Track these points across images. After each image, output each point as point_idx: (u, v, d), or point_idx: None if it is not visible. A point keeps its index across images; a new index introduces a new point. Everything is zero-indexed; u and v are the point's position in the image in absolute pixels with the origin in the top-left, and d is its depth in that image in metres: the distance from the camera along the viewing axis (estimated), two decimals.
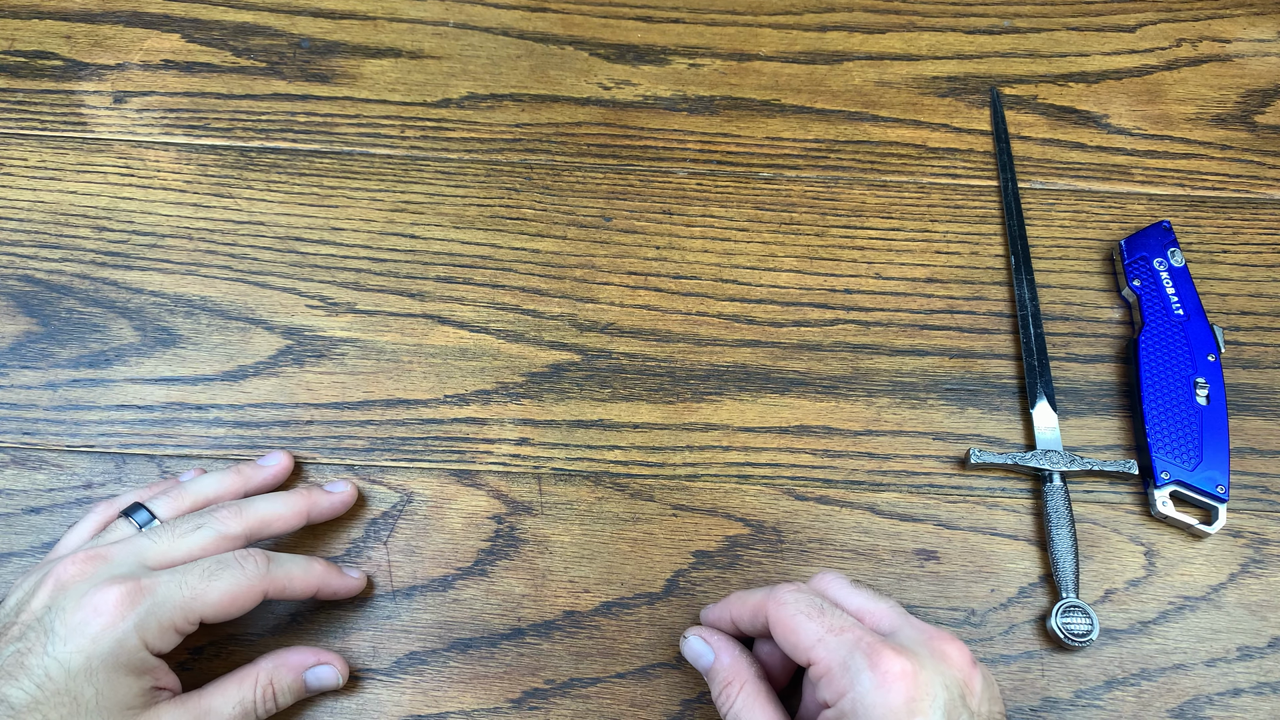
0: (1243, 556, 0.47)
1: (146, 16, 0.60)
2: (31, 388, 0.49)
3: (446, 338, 0.51)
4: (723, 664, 0.40)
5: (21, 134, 0.56)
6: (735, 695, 0.38)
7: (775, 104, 0.58)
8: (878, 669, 0.34)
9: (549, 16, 0.61)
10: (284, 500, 0.43)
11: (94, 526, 0.43)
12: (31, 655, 0.35)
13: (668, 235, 0.54)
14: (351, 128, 0.57)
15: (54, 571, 0.38)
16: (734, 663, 0.40)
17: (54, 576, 0.37)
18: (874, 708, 0.33)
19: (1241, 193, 0.56)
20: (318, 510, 0.44)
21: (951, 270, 0.54)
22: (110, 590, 0.36)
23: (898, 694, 0.33)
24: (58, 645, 0.35)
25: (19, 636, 0.36)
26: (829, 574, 0.40)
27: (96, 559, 0.38)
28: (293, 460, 0.47)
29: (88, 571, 0.38)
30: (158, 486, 0.45)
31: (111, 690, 0.35)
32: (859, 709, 0.34)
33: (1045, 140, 0.58)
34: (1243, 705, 0.44)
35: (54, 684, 0.35)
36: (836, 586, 0.40)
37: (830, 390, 0.50)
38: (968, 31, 0.61)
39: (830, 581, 0.40)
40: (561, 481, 0.48)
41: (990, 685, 0.36)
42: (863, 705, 0.33)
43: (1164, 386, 0.49)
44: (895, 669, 0.34)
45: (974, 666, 0.36)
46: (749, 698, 0.38)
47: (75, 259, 0.52)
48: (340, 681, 0.42)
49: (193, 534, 0.40)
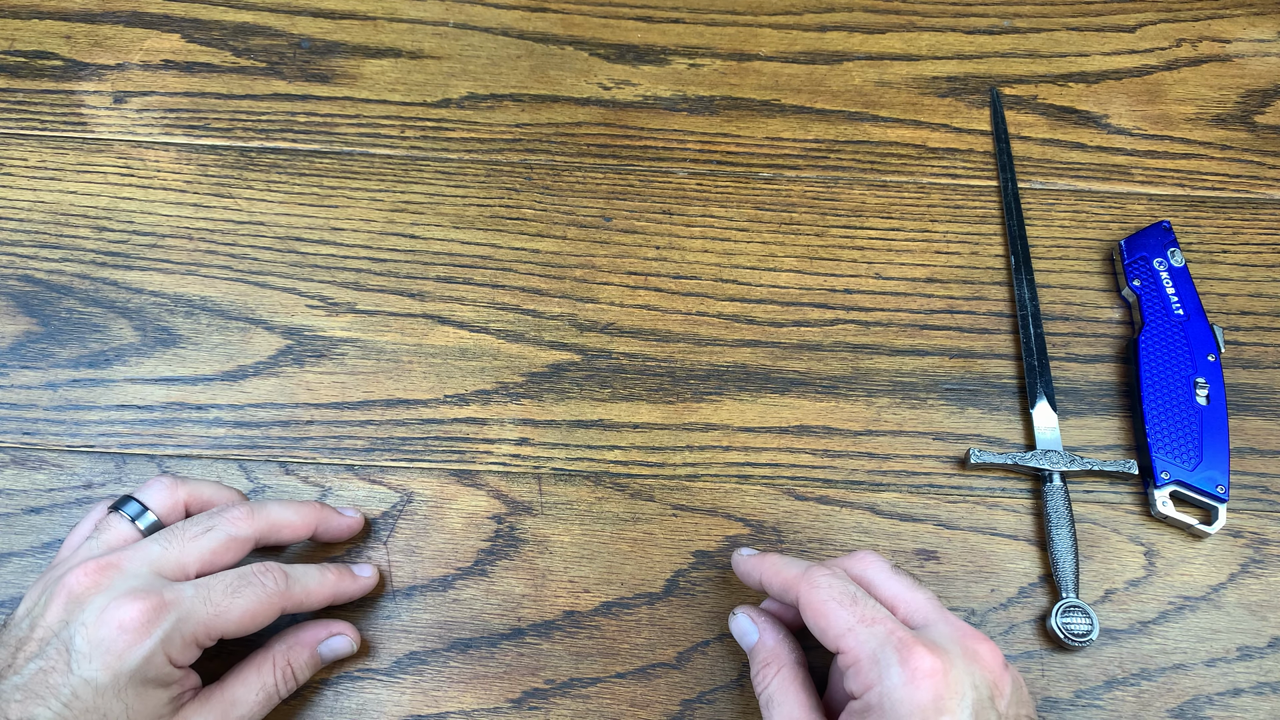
0: (1243, 556, 0.47)
1: (146, 16, 0.60)
2: (31, 388, 0.49)
3: (446, 338, 0.51)
4: (765, 645, 0.40)
5: (21, 134, 0.56)
6: (771, 678, 0.39)
7: (775, 104, 0.58)
8: (908, 665, 0.34)
9: (549, 16, 0.61)
10: (296, 509, 0.43)
11: (91, 528, 0.42)
12: (55, 674, 0.35)
13: (668, 235, 0.54)
14: (351, 128, 0.57)
15: (64, 583, 0.37)
16: (776, 645, 0.40)
17: (65, 588, 0.37)
18: (901, 704, 0.33)
19: (1241, 193, 0.56)
20: (326, 527, 0.44)
21: (951, 270, 0.54)
22: (133, 605, 0.36)
23: (926, 691, 0.33)
24: (82, 663, 0.35)
25: (38, 653, 0.35)
26: (869, 555, 0.40)
27: (109, 568, 0.37)
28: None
29: (102, 583, 0.37)
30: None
31: (140, 704, 0.36)
32: (885, 704, 0.33)
33: (1045, 140, 0.58)
34: (1243, 705, 0.44)
35: (82, 702, 0.34)
36: (875, 569, 0.39)
37: (830, 390, 0.50)
38: (968, 31, 0.61)
39: (870, 564, 0.39)
40: (561, 481, 0.48)
41: (1020, 688, 0.36)
42: (890, 700, 0.33)
43: (1164, 386, 0.49)
44: (925, 666, 0.33)
45: (1005, 669, 0.36)
46: (784, 681, 0.38)
47: (75, 259, 0.52)
48: (354, 648, 0.43)
49: (203, 537, 0.40)
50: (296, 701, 0.43)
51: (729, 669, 0.44)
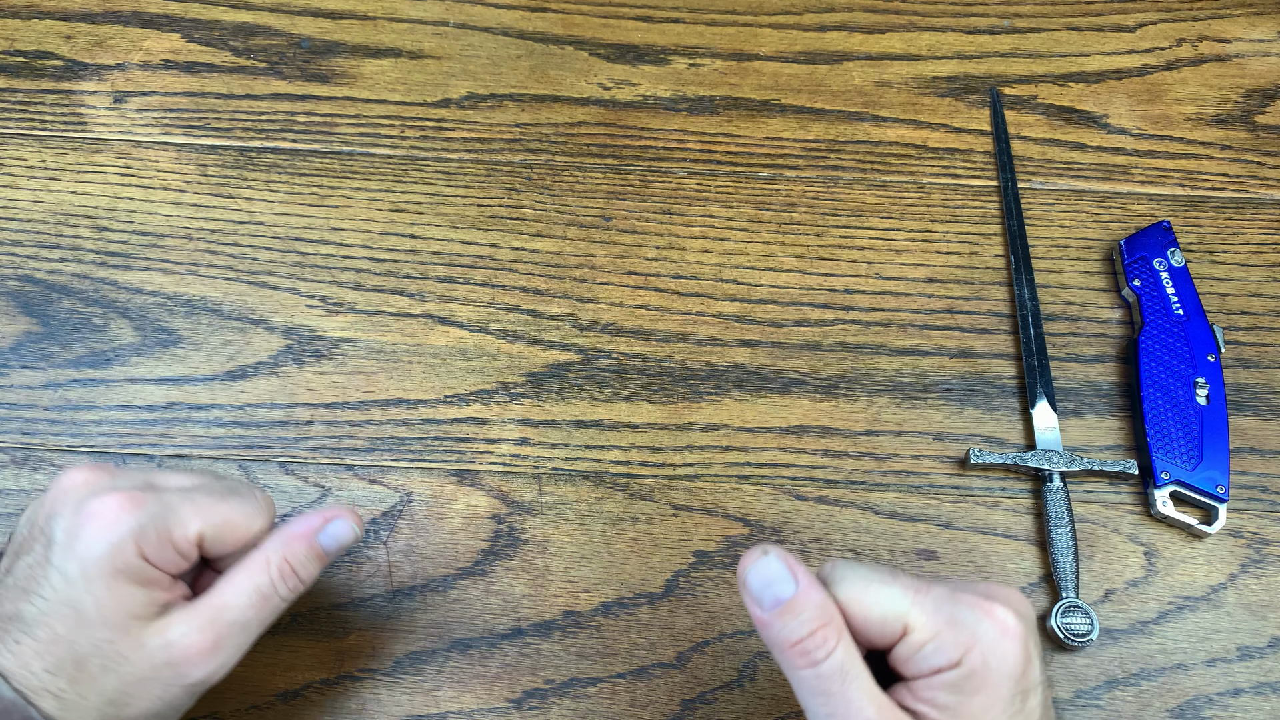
0: (1243, 556, 0.47)
1: (146, 16, 0.60)
2: (31, 388, 0.49)
3: (446, 338, 0.51)
4: (812, 600, 0.32)
5: (21, 134, 0.56)
6: (835, 642, 0.31)
7: (775, 104, 0.58)
8: (993, 617, 0.32)
9: (549, 16, 0.61)
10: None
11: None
12: (39, 567, 0.34)
13: (668, 235, 0.54)
14: (351, 128, 0.57)
15: (59, 479, 0.36)
16: (826, 602, 0.32)
17: (59, 485, 0.36)
18: (1006, 656, 0.31)
19: (1241, 193, 0.56)
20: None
21: (951, 270, 0.54)
22: (110, 497, 0.35)
23: (1017, 639, 0.31)
24: (57, 553, 0.34)
25: (28, 549, 0.35)
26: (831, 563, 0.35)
27: (103, 469, 0.37)
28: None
29: (92, 480, 0.36)
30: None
31: (112, 599, 0.34)
32: (991, 660, 0.31)
33: (1045, 140, 0.58)
34: (1243, 705, 0.44)
35: (57, 594, 0.33)
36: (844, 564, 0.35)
37: (830, 390, 0.50)
38: (968, 31, 0.61)
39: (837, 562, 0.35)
40: (561, 481, 0.48)
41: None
42: (995, 656, 0.31)
43: (1164, 386, 0.49)
44: (1009, 616, 0.32)
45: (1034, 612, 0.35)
46: (852, 648, 0.31)
47: (75, 259, 0.52)
48: (358, 531, 0.39)
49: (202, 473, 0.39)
50: (297, 701, 0.43)
51: (729, 669, 0.44)
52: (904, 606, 0.32)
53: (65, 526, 0.34)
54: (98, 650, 0.33)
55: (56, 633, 0.33)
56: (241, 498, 0.37)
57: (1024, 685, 0.31)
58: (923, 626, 0.31)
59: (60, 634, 0.33)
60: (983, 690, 0.31)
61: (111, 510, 0.34)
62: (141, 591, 0.34)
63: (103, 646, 0.33)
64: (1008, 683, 0.31)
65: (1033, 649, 0.32)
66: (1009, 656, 0.31)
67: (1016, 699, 0.31)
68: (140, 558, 0.34)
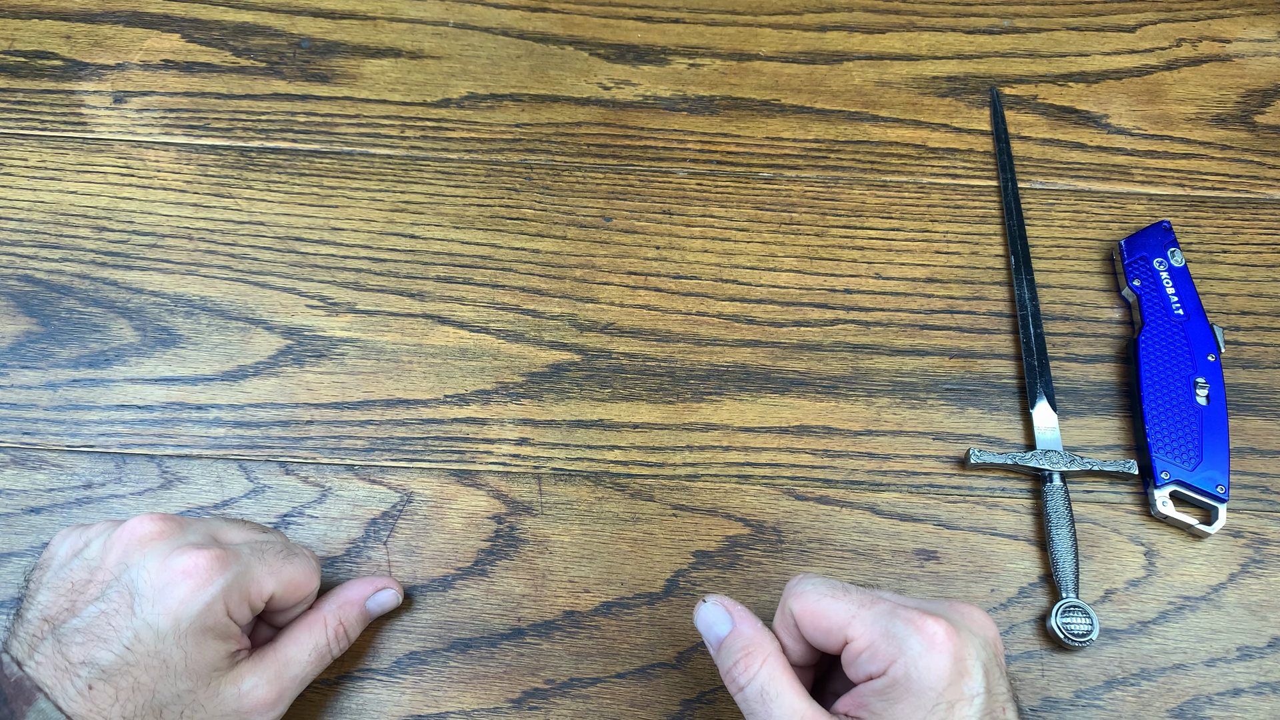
0: (1243, 556, 0.47)
1: (146, 16, 0.60)
2: (31, 388, 0.49)
3: (446, 338, 0.51)
4: (743, 633, 0.37)
5: (21, 134, 0.56)
6: (758, 666, 0.36)
7: (775, 104, 0.58)
8: (923, 632, 0.34)
9: (549, 16, 0.61)
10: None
11: (82, 544, 0.40)
12: (118, 616, 0.35)
13: (668, 235, 0.54)
14: (351, 128, 0.57)
15: (127, 528, 0.38)
16: (756, 633, 0.37)
17: (128, 532, 0.37)
18: (928, 671, 0.33)
19: (1241, 193, 0.56)
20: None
21: (951, 270, 0.54)
22: (197, 555, 0.36)
23: (946, 655, 0.33)
24: (145, 607, 0.35)
25: (99, 596, 0.36)
26: (798, 578, 0.38)
27: (172, 521, 0.38)
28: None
29: (165, 532, 0.38)
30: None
31: (199, 653, 0.36)
32: (912, 673, 0.33)
33: (1045, 140, 0.58)
34: (1243, 705, 0.44)
35: (144, 646, 0.35)
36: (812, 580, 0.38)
37: (830, 390, 0.50)
38: (968, 31, 0.61)
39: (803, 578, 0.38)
40: (561, 481, 0.48)
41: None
42: (916, 669, 0.33)
43: (1164, 386, 0.49)
44: (939, 630, 0.34)
45: (996, 631, 0.37)
46: (775, 669, 0.36)
47: (75, 259, 0.52)
48: (399, 600, 0.44)
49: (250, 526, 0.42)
50: (297, 702, 0.43)
51: None
52: (846, 619, 0.35)
53: (151, 581, 0.36)
54: (178, 699, 0.36)
55: (139, 681, 0.35)
56: (301, 558, 0.40)
57: (950, 697, 0.33)
58: (860, 637, 0.35)
59: (143, 683, 0.35)
60: (905, 699, 0.33)
61: (203, 570, 0.36)
62: (222, 645, 0.37)
63: (183, 695, 0.36)
64: (930, 693, 0.33)
65: (971, 663, 0.34)
66: (933, 669, 0.33)
67: (940, 708, 0.33)
68: (226, 615, 0.37)
